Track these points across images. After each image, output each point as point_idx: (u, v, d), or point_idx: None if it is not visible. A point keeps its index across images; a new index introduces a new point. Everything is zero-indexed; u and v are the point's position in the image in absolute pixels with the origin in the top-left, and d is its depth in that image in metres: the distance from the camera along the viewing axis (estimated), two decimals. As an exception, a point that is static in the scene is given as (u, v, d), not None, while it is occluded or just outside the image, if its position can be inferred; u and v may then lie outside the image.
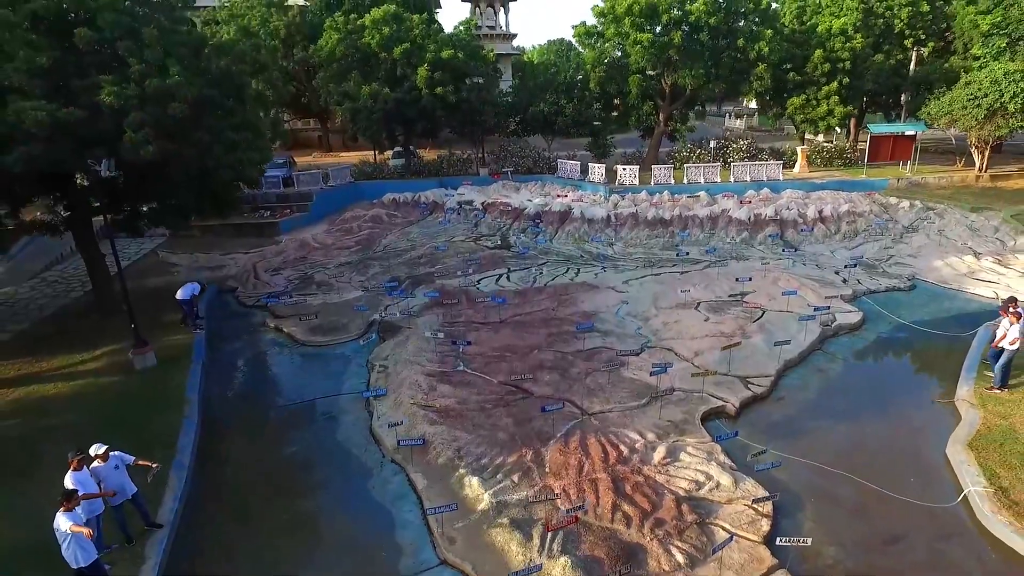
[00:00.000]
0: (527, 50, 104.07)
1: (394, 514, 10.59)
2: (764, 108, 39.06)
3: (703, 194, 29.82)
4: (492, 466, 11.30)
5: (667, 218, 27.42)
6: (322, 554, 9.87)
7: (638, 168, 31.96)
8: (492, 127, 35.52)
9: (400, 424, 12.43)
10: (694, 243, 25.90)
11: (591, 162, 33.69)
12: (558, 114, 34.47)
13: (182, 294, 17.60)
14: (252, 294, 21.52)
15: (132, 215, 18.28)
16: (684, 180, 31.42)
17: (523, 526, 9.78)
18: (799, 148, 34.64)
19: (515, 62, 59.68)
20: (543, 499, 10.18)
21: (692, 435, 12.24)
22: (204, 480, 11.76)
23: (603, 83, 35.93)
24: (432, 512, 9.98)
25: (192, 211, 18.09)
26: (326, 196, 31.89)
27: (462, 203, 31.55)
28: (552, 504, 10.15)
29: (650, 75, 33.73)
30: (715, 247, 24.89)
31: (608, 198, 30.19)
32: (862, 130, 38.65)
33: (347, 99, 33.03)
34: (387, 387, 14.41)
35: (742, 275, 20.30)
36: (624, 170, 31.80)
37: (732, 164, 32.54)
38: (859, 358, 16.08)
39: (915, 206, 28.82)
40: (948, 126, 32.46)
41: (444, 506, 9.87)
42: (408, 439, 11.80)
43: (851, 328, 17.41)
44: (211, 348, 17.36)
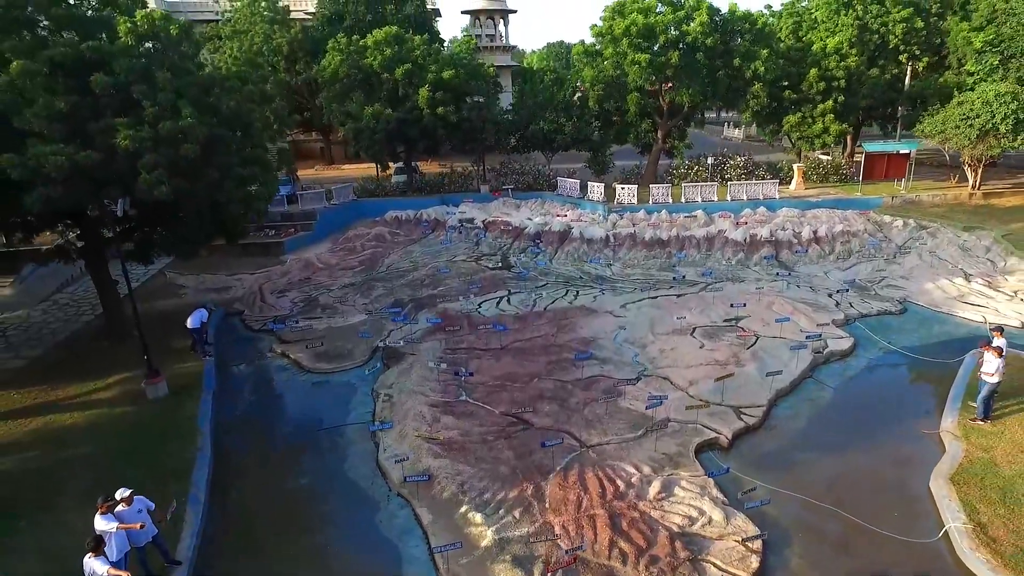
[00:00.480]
0: (527, 53, 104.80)
1: (401, 549, 11.09)
2: (761, 125, 39.61)
3: (700, 213, 30.37)
4: (494, 501, 11.82)
5: (664, 238, 27.94)
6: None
7: (636, 187, 32.51)
8: (492, 144, 36.11)
9: (406, 459, 12.93)
10: (691, 264, 26.42)
11: (590, 180, 34.26)
12: (558, 132, 35.04)
13: (192, 322, 18.10)
14: (259, 317, 22.04)
15: (143, 244, 18.82)
16: (682, 199, 31.97)
17: (524, 563, 10.29)
18: (795, 165, 35.19)
19: (515, 71, 60.27)
20: (544, 538, 10.68)
21: (686, 468, 12.75)
22: (217, 513, 12.26)
23: (601, 100, 36.55)
24: (439, 551, 10.49)
25: (201, 241, 18.60)
26: (330, 214, 32.45)
27: (463, 221, 32.08)
28: (552, 542, 10.65)
29: (648, 92, 34.32)
30: (711, 269, 25.41)
31: (607, 217, 30.74)
32: (858, 147, 39.19)
33: (350, 119, 33.62)
34: (392, 418, 14.92)
35: (737, 301, 20.82)
36: (623, 189, 32.35)
37: (729, 183, 33.08)
38: (849, 387, 16.55)
39: (909, 225, 29.37)
40: (942, 144, 33.02)
41: (450, 544, 10.38)
42: (414, 475, 12.32)
43: (842, 355, 17.93)
44: (220, 375, 17.88)
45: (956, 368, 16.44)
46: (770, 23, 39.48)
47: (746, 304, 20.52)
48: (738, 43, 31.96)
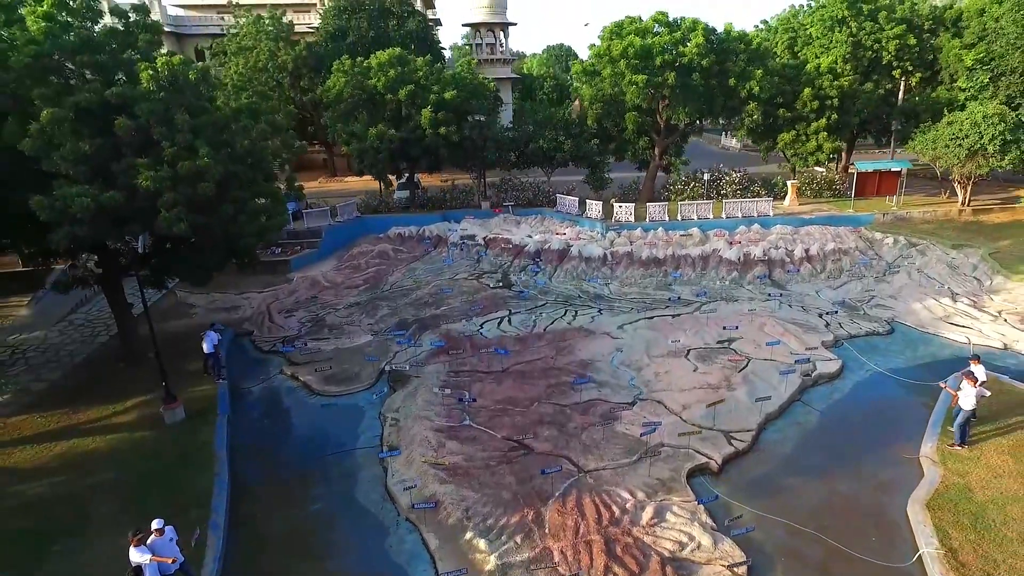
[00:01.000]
0: (527, 56, 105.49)
1: (411, 574, 11.85)
2: (756, 141, 40.42)
3: (696, 231, 31.16)
4: (497, 527, 12.58)
5: (661, 257, 28.72)
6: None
7: (634, 205, 33.29)
8: (493, 161, 36.93)
9: (414, 487, 13.69)
10: (686, 283, 27.20)
11: (589, 197, 35.05)
12: (557, 149, 35.86)
13: (207, 347, 18.86)
14: (268, 338, 22.80)
15: (158, 271, 19.59)
16: (678, 216, 32.75)
17: (525, 588, 11.07)
18: (789, 182, 35.98)
19: (515, 72, 61.15)
20: (543, 565, 11.45)
21: (678, 493, 13.52)
22: (235, 537, 13.01)
23: (600, 118, 37.39)
24: (445, 576, 11.27)
25: (215, 268, 19.37)
26: (334, 232, 33.21)
27: (465, 238, 32.83)
28: (551, 568, 11.42)
29: (645, 110, 35.14)
30: (706, 289, 26.18)
31: (605, 235, 31.52)
32: (851, 164, 40.00)
33: (354, 138, 34.42)
34: (400, 443, 15.69)
35: (730, 323, 21.59)
36: (620, 207, 33.12)
37: (724, 201, 33.88)
38: (835, 410, 17.30)
39: (899, 242, 30.14)
40: (932, 161, 33.81)
41: (456, 571, 11.15)
42: (421, 502, 13.09)
43: (830, 377, 18.70)
44: (233, 397, 18.64)
45: (939, 392, 17.16)
46: (766, 42, 40.39)
47: (739, 326, 21.29)
48: (734, 62, 32.75)
